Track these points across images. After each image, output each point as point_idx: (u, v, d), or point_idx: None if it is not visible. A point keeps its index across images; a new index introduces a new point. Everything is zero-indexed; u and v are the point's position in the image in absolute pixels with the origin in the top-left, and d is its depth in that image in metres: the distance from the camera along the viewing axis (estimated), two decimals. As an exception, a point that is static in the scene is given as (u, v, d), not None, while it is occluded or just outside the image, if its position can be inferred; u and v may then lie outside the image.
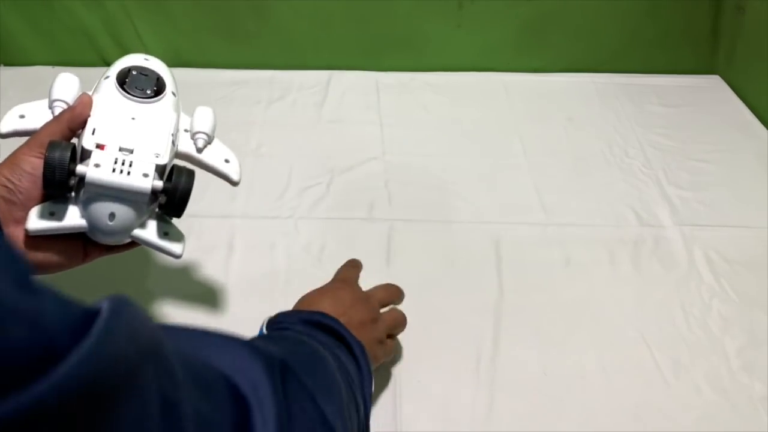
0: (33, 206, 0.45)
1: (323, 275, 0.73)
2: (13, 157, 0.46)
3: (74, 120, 0.47)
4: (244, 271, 0.73)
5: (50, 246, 0.46)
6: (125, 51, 1.07)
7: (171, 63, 1.13)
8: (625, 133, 0.99)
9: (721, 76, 1.14)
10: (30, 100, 0.52)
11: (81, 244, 0.49)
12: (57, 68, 1.05)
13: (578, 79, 1.11)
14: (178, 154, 0.52)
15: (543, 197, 0.86)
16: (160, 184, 0.46)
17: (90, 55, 1.06)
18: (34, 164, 0.45)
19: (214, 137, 0.55)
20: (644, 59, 1.13)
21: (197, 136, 0.53)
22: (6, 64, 1.05)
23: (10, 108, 0.51)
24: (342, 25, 1.06)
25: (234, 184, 0.55)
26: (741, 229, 0.83)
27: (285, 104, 1.01)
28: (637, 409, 0.63)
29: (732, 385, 0.65)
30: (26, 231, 0.45)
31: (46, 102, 0.51)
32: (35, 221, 0.45)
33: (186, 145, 0.53)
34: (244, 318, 0.70)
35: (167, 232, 0.50)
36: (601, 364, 0.66)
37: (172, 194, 0.46)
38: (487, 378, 0.64)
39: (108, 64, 0.60)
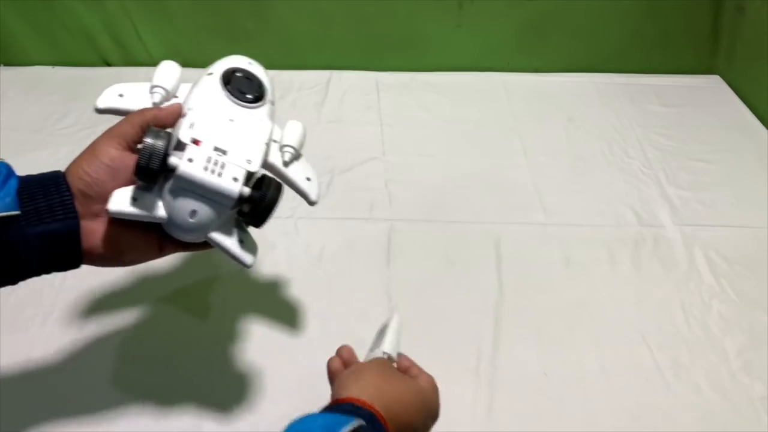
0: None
1: (323, 275, 0.74)
2: (92, 148, 0.44)
3: (157, 122, 0.46)
4: (243, 271, 0.73)
5: (128, 238, 0.45)
6: (125, 51, 1.09)
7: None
8: (625, 133, 0.99)
9: (721, 76, 1.14)
10: (30, 100, 0.52)
11: (156, 239, 0.47)
12: (57, 68, 1.06)
13: (578, 79, 1.11)
14: (264, 164, 0.50)
15: (543, 197, 0.86)
16: (248, 190, 0.45)
17: (90, 55, 1.06)
18: (113, 156, 0.43)
19: (301, 153, 0.54)
20: (644, 59, 1.13)
21: (285, 149, 0.51)
22: (6, 64, 1.05)
23: (10, 108, 0.51)
24: (342, 25, 1.06)
25: (312, 203, 0.53)
26: (741, 229, 0.83)
27: (285, 104, 1.01)
28: (637, 409, 0.63)
29: (732, 385, 0.65)
30: (107, 211, 0.43)
31: (146, 85, 0.50)
32: (117, 203, 0.43)
33: (273, 156, 0.51)
34: (245, 319, 0.70)
35: (242, 239, 0.49)
36: (601, 364, 0.66)
37: (257, 203, 0.45)
38: (487, 378, 0.64)
39: (108, 64, 0.60)
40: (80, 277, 0.68)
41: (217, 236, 0.47)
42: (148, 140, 0.42)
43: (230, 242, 0.48)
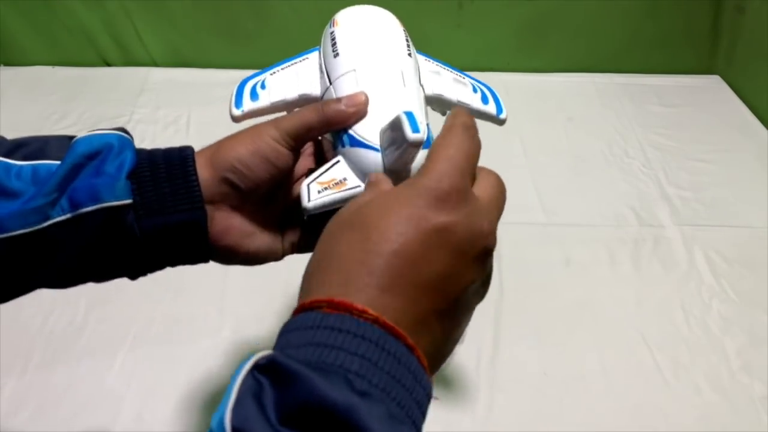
0: (253, 198, 0.37)
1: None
2: (256, 135, 0.36)
3: (339, 121, 0.37)
4: (244, 271, 0.73)
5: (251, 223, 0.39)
6: (125, 51, 1.09)
7: (171, 63, 1.14)
8: (625, 133, 0.99)
9: (721, 76, 1.14)
10: (30, 100, 0.51)
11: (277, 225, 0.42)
12: (57, 68, 1.06)
13: (578, 79, 1.11)
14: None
15: (543, 197, 0.86)
16: None
17: (90, 55, 1.06)
18: (279, 155, 0.36)
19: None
20: (644, 59, 1.13)
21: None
22: (6, 64, 1.05)
23: (10, 108, 0.51)
24: (342, 25, 1.06)
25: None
26: (741, 229, 0.83)
27: (285, 104, 1.01)
28: (637, 409, 0.63)
29: (732, 385, 0.65)
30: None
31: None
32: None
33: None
34: (244, 317, 0.70)
35: None
36: (601, 364, 0.66)
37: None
38: (487, 378, 0.64)
39: (108, 64, 0.59)
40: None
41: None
42: None
43: None
